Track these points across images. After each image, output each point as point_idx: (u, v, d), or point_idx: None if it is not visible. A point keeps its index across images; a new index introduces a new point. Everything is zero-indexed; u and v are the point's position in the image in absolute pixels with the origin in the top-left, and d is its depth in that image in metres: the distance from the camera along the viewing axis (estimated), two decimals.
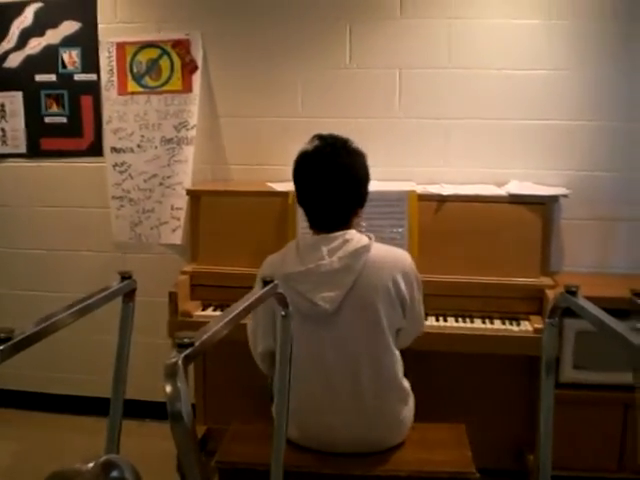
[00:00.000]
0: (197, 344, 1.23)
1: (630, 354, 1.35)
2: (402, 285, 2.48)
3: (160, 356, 3.47)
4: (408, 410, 2.58)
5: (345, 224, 2.51)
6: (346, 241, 2.45)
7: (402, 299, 2.49)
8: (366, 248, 2.45)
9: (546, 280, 3.24)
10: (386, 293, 2.45)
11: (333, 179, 2.46)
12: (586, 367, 3.17)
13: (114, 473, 0.91)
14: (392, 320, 2.48)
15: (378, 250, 2.49)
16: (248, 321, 2.63)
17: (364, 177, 2.54)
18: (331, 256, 2.42)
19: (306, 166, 2.53)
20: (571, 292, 1.69)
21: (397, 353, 2.53)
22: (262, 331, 2.58)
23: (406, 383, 2.58)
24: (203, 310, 3.35)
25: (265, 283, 1.80)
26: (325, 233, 2.49)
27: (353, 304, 2.43)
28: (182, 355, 1.17)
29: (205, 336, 1.29)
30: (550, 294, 3.12)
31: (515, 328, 3.13)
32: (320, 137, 2.54)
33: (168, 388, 1.13)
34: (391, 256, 2.53)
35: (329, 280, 2.41)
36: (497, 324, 3.17)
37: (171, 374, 1.14)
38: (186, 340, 1.21)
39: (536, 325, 3.10)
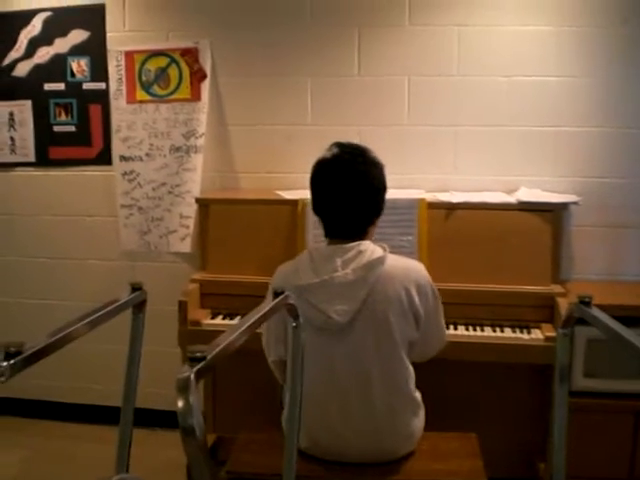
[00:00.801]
0: (209, 358, 1.22)
1: None
2: (415, 297, 2.45)
3: (169, 365, 3.48)
4: (419, 421, 2.57)
5: (361, 234, 2.50)
6: (360, 252, 2.43)
7: (415, 312, 2.47)
8: (380, 260, 2.42)
9: (557, 288, 3.22)
10: (399, 305, 2.42)
11: (351, 187, 2.44)
12: (597, 375, 3.16)
13: None
14: (404, 332, 2.45)
15: (392, 262, 2.46)
16: (262, 331, 2.62)
17: (382, 186, 2.52)
18: (345, 268, 2.40)
19: (324, 173, 2.51)
20: (585, 302, 1.68)
21: (409, 365, 2.51)
22: (274, 340, 2.57)
23: (417, 395, 2.57)
24: (212, 319, 3.34)
25: (276, 294, 1.79)
26: (340, 242, 2.47)
27: (366, 316, 2.40)
28: (194, 369, 1.16)
29: (217, 349, 1.28)
30: (561, 302, 3.11)
31: (526, 336, 3.11)
32: (339, 145, 2.53)
33: (180, 403, 1.12)
34: (404, 267, 2.50)
35: (343, 292, 2.38)
36: (507, 332, 3.15)
37: (183, 388, 1.13)
38: (198, 354, 1.20)
39: (547, 333, 3.08)
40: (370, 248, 2.46)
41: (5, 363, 1.22)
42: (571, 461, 1.97)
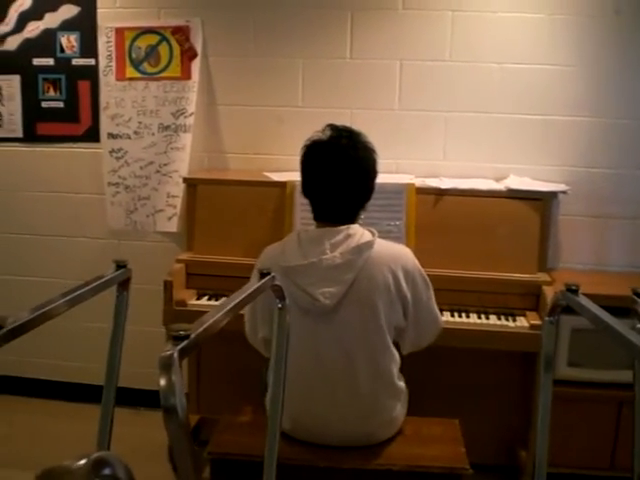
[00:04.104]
0: (193, 337, 1.21)
1: (632, 356, 1.34)
2: (402, 282, 2.44)
3: (154, 344, 3.46)
4: (402, 406, 2.58)
5: (352, 218, 2.49)
6: (349, 236, 2.42)
7: (403, 297, 2.46)
8: (369, 244, 2.41)
9: (543, 276, 3.23)
10: (386, 290, 2.42)
11: (347, 172, 2.42)
12: (581, 364, 3.17)
13: (106, 471, 0.89)
14: (390, 318, 2.45)
15: (380, 246, 2.45)
16: (244, 311, 2.61)
17: (375, 172, 2.51)
18: (333, 251, 2.39)
19: (319, 156, 2.48)
20: (572, 290, 1.68)
21: (395, 351, 2.51)
22: (261, 318, 2.56)
23: (401, 382, 2.57)
24: (198, 299, 3.34)
25: (262, 275, 1.78)
26: (329, 226, 2.46)
27: (352, 300, 2.39)
28: (177, 348, 1.15)
29: (201, 329, 1.27)
30: (547, 290, 3.12)
31: (511, 324, 3.12)
32: (334, 127, 2.49)
33: (162, 381, 1.11)
34: (392, 252, 2.50)
35: (330, 275, 2.37)
36: (493, 319, 3.16)
37: (166, 367, 1.12)
38: (182, 332, 1.19)
39: (532, 321, 3.09)
40: (359, 232, 2.45)
41: None
42: (553, 450, 1.97)
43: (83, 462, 0.81)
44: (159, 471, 3.24)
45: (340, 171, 2.43)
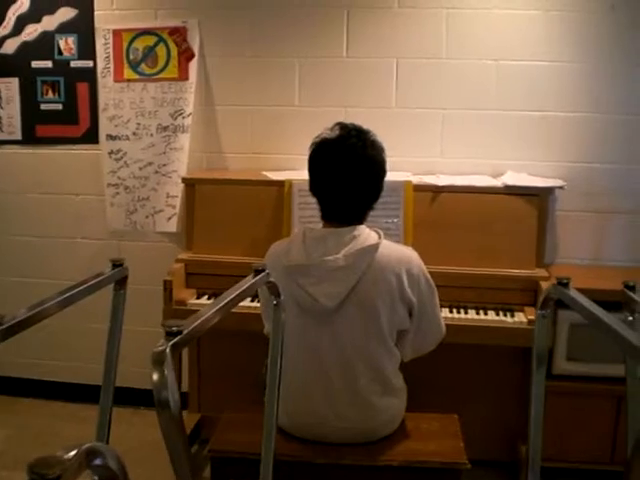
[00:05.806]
0: (185, 332, 1.22)
1: (620, 346, 1.35)
2: (406, 286, 2.42)
3: (155, 344, 3.47)
4: (400, 404, 2.58)
5: (359, 218, 2.47)
6: (354, 237, 2.39)
7: (408, 301, 2.44)
8: (374, 247, 2.39)
9: (540, 272, 3.24)
10: (388, 293, 2.40)
11: (357, 172, 2.40)
12: (580, 359, 3.18)
13: (97, 461, 0.90)
14: (393, 321, 2.43)
15: (386, 249, 2.43)
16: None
17: (384, 171, 2.49)
18: (337, 252, 2.36)
19: (328, 154, 2.44)
20: (563, 284, 1.69)
21: (396, 351, 2.50)
22: (265, 313, 2.57)
23: (401, 378, 2.57)
24: (198, 298, 3.35)
25: (256, 272, 1.79)
26: (336, 226, 2.44)
27: (354, 302, 2.38)
28: (170, 343, 1.17)
29: (194, 324, 1.29)
30: (544, 285, 3.12)
31: (509, 319, 3.13)
32: (343, 126, 2.46)
33: (155, 376, 1.13)
34: (397, 255, 2.46)
35: (332, 277, 2.36)
36: (491, 315, 3.17)
37: (158, 362, 1.14)
38: (174, 328, 1.21)
39: (530, 316, 3.11)
40: (364, 234, 2.43)
41: None
42: (553, 444, 1.99)
43: (74, 452, 0.82)
44: (158, 470, 3.25)
45: (348, 170, 2.39)
